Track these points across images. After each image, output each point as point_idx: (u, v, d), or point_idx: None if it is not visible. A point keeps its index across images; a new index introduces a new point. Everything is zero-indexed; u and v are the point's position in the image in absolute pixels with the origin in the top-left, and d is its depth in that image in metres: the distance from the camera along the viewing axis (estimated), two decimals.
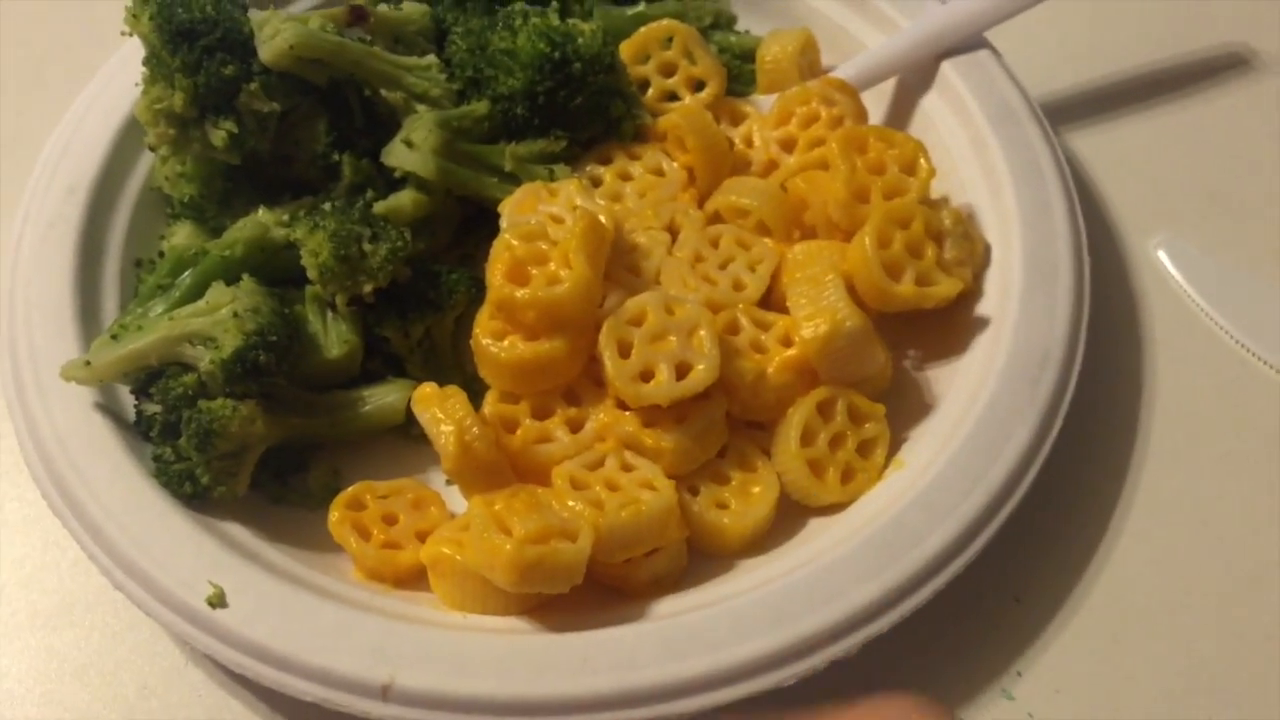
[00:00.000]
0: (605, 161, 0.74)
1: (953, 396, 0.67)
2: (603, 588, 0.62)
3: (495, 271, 0.63)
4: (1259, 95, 0.83)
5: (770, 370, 0.65)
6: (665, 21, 0.78)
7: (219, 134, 0.68)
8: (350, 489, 0.65)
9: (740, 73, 0.82)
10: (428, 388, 0.63)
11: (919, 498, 0.62)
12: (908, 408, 0.69)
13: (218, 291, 0.65)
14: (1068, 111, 0.83)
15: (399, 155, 0.70)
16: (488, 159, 0.72)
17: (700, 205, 0.73)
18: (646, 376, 0.62)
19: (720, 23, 0.83)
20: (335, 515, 0.63)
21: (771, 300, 0.69)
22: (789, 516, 0.65)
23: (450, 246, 0.74)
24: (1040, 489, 0.63)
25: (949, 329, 0.70)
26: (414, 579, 0.63)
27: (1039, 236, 0.70)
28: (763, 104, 0.79)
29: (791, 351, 0.65)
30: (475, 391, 0.65)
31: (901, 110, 0.80)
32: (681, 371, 0.63)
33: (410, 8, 0.76)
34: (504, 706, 0.56)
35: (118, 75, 0.77)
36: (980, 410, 0.64)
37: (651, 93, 0.78)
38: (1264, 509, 0.67)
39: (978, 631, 0.64)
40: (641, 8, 0.81)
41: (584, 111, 0.72)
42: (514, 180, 0.71)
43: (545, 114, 0.72)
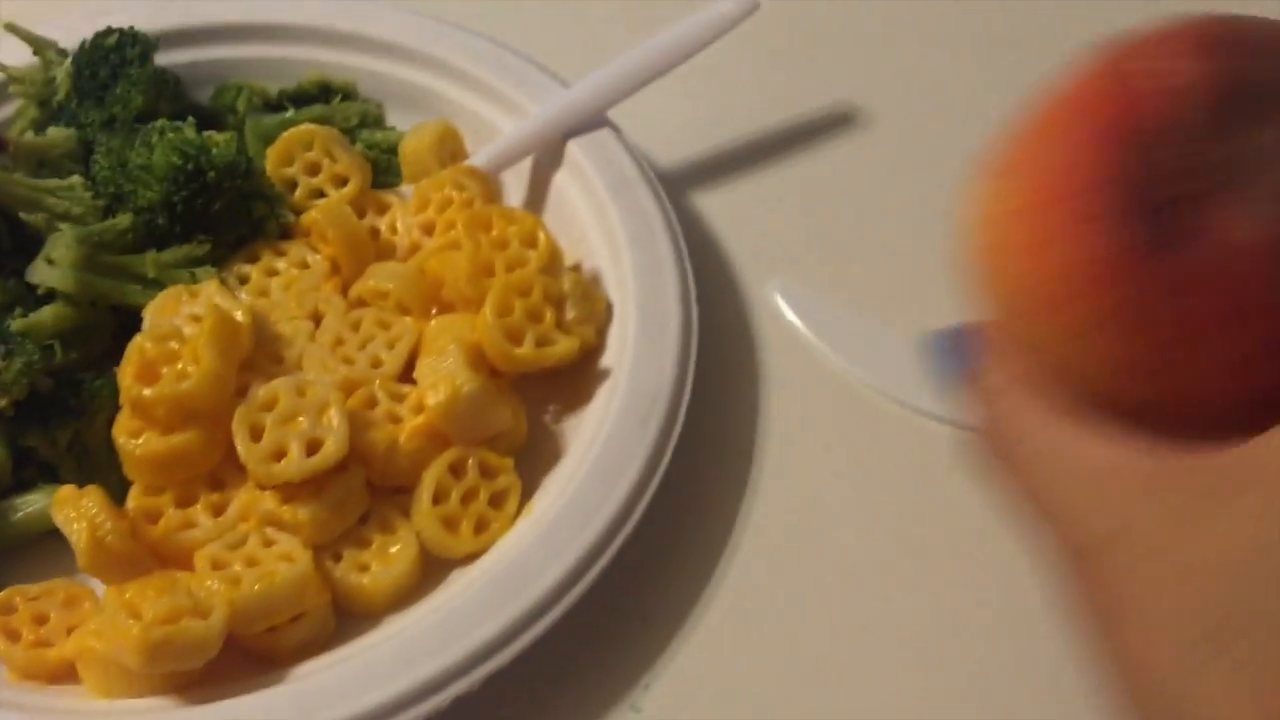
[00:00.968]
0: (253, 259, 0.79)
1: (577, 444, 0.74)
2: (256, 658, 0.66)
3: (126, 374, 0.68)
4: (860, 147, 0.94)
5: (402, 438, 0.71)
6: (304, 126, 0.83)
7: None
8: (0, 594, 0.67)
9: (390, 165, 0.88)
10: (65, 490, 0.66)
11: (539, 538, 0.68)
12: (544, 458, 0.75)
13: None
14: (693, 176, 0.92)
15: (41, 272, 0.74)
16: (133, 268, 0.76)
17: (344, 292, 0.79)
18: (279, 456, 0.67)
19: (367, 121, 0.89)
20: None
21: (413, 373, 0.75)
22: (436, 571, 0.71)
23: (111, 353, 0.77)
24: (659, 517, 0.70)
25: (579, 382, 0.78)
26: (67, 674, 0.66)
27: (650, 291, 0.78)
28: (407, 193, 0.86)
29: (419, 419, 0.71)
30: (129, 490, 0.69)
31: (538, 186, 0.87)
32: (312, 449, 0.68)
33: (55, 132, 0.80)
34: None
35: None
36: (597, 452, 0.71)
37: (300, 191, 0.83)
38: (863, 514, 0.76)
39: (609, 653, 0.70)
40: (290, 114, 0.87)
41: (224, 216, 0.77)
42: (159, 286, 0.76)
43: (185, 221, 0.77)
